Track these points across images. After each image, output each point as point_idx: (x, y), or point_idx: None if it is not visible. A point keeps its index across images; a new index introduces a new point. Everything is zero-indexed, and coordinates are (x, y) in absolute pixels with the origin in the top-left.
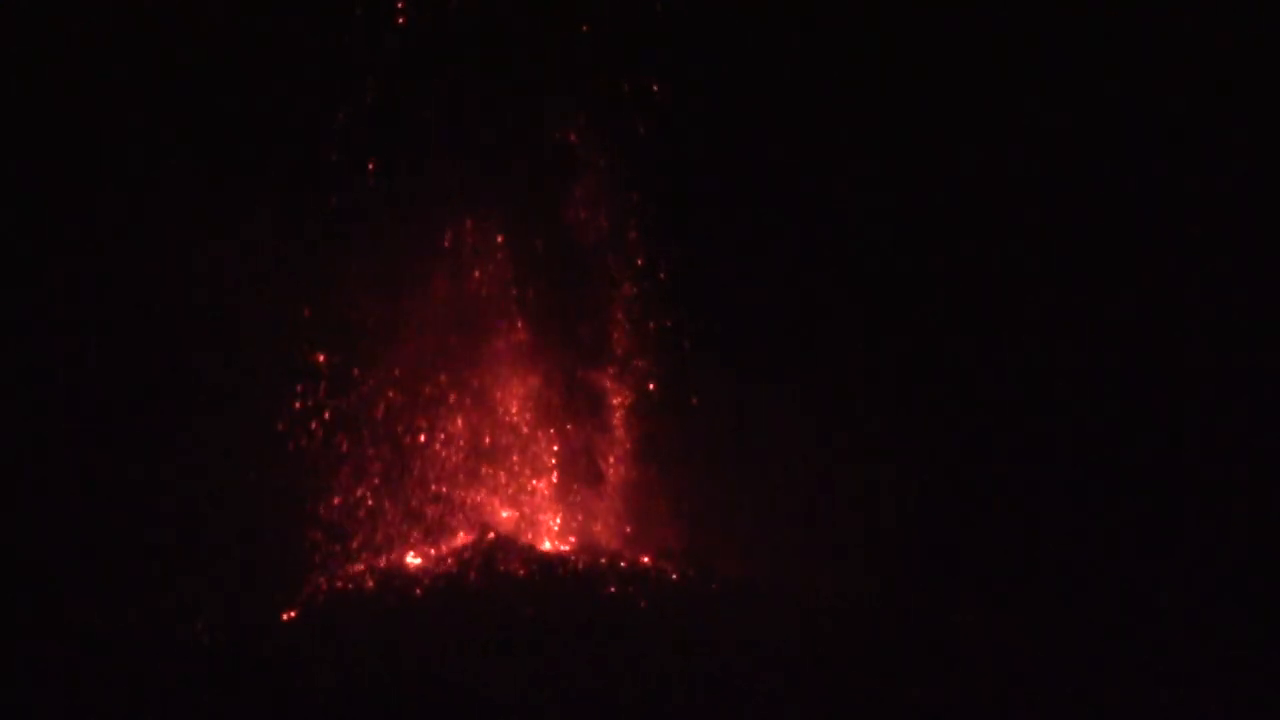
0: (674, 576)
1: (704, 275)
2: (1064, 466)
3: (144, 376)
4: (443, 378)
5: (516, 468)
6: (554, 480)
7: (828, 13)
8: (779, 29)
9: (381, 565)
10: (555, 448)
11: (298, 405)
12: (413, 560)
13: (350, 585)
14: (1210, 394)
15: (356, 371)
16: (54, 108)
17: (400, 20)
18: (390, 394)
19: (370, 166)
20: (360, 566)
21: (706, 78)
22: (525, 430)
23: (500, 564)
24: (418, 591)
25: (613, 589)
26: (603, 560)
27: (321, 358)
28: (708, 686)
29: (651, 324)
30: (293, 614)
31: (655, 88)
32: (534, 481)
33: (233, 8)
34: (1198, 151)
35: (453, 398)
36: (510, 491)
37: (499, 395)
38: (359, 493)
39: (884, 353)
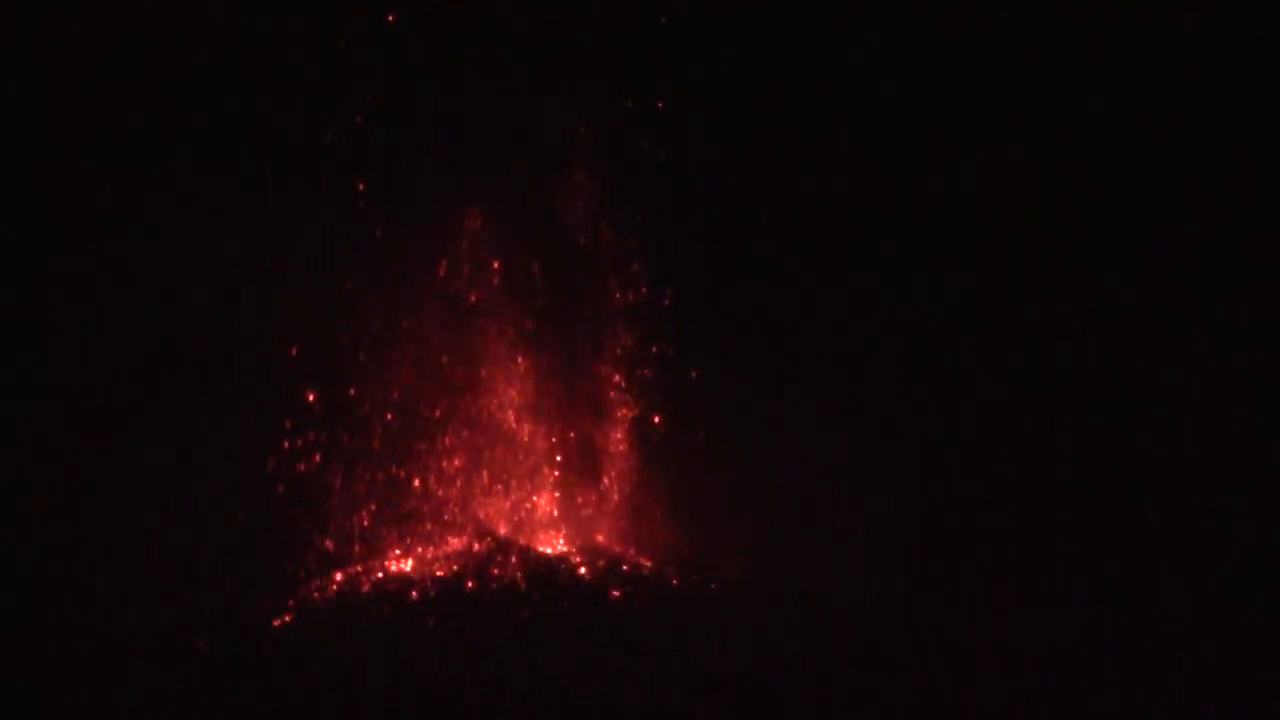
0: (675, 579)
1: (704, 278)
2: (1065, 466)
3: (141, 392)
4: (438, 410)
5: (516, 483)
6: (555, 496)
7: (834, 26)
8: (786, 46)
9: (377, 569)
10: (558, 458)
11: (286, 445)
12: (409, 564)
13: (346, 589)
14: (1211, 393)
15: (353, 392)
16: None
17: (391, 29)
18: (388, 416)
19: (361, 187)
20: (357, 569)
21: (712, 95)
22: (525, 439)
23: (499, 567)
24: (414, 595)
25: (613, 592)
26: (601, 562)
27: (311, 397)
28: (708, 687)
29: (652, 336)
30: (288, 619)
31: (660, 104)
32: (534, 497)
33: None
34: (1198, 152)
35: (450, 429)
36: (509, 507)
37: (496, 404)
38: (354, 523)
39: (885, 353)
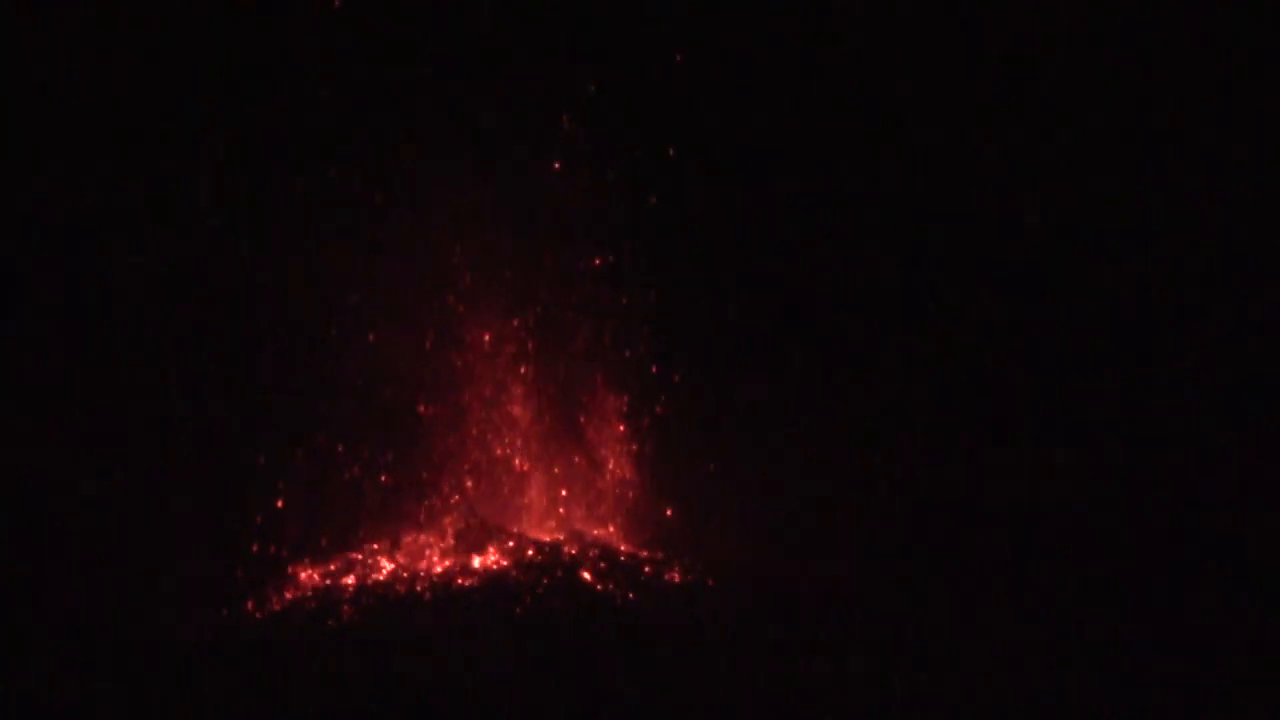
0: (671, 572)
1: (695, 275)
2: (1064, 462)
3: (134, 391)
4: (432, 406)
5: (509, 478)
6: (551, 491)
7: (840, 67)
8: (794, 88)
9: (368, 564)
10: (553, 454)
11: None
12: (400, 558)
13: (336, 585)
14: (1210, 392)
15: (342, 449)
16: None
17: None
18: (383, 478)
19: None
20: (347, 564)
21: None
22: (520, 436)
23: (492, 562)
24: (400, 589)
25: (609, 586)
26: (595, 554)
27: (281, 503)
28: (705, 684)
29: (647, 333)
30: (276, 610)
31: (671, 150)
32: (529, 492)
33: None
34: (1197, 153)
35: (444, 425)
36: (502, 501)
37: (491, 401)
38: (345, 519)
39: (882, 350)
